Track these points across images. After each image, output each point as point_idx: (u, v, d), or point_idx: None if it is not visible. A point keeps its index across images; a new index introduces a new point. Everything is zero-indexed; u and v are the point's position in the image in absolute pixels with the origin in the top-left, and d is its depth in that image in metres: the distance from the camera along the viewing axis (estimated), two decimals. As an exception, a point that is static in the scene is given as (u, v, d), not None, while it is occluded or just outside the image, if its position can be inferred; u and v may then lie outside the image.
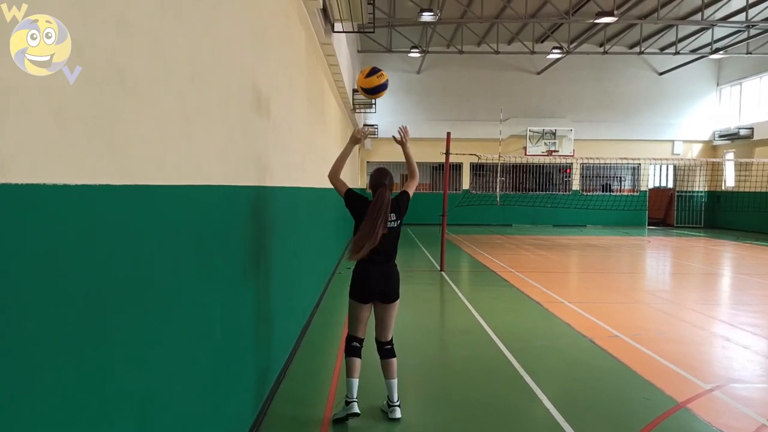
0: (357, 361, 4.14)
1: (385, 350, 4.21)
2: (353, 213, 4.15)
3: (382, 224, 3.95)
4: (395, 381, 4.17)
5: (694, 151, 25.97)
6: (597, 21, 16.83)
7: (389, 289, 4.12)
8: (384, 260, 4.11)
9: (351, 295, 4.15)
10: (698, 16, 18.65)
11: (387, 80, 4.42)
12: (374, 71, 4.41)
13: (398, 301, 4.20)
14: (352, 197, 4.19)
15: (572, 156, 24.37)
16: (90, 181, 1.70)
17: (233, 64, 3.31)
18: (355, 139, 4.37)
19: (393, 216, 4.10)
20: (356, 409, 4.02)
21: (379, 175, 4.15)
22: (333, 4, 7.85)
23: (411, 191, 4.34)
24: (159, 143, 2.23)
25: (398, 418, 4.07)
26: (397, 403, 4.14)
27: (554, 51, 20.73)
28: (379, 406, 4.26)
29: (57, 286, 1.55)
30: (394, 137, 4.53)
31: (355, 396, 4.06)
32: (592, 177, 26.48)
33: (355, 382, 4.09)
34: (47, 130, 1.51)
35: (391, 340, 4.25)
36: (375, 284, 4.07)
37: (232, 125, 3.28)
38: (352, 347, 4.16)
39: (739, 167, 23.45)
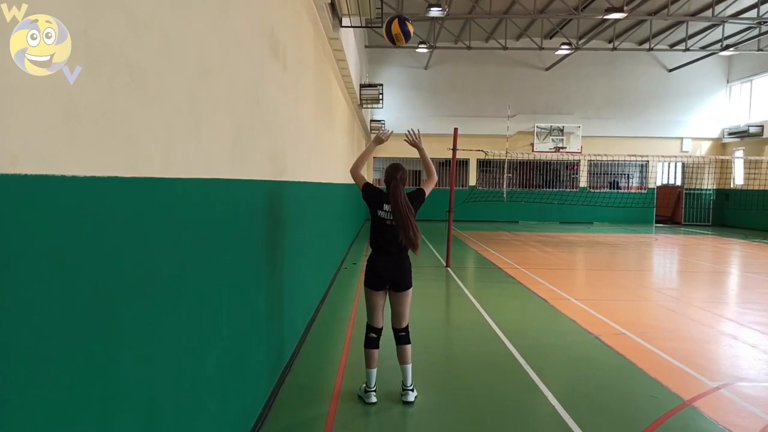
0: (375, 353, 4.38)
1: (400, 337, 4.43)
2: (368, 204, 4.42)
3: (408, 211, 4.20)
4: (409, 366, 4.39)
5: (703, 149, 25.78)
6: (606, 17, 16.72)
7: (400, 278, 4.34)
8: (395, 251, 4.32)
9: (365, 283, 4.41)
10: (709, 13, 18.50)
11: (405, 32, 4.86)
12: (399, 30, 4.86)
13: (410, 290, 4.42)
14: (368, 190, 4.45)
15: (580, 153, 24.25)
16: (99, 173, 1.71)
17: (241, 59, 3.32)
18: (379, 140, 4.74)
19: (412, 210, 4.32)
20: (374, 399, 4.29)
21: (392, 170, 4.40)
22: (341, -1, 7.83)
23: (428, 190, 4.53)
24: (167, 136, 2.23)
25: (411, 402, 4.31)
26: (411, 387, 4.37)
27: (563, 47, 20.60)
28: (397, 392, 4.47)
29: (64, 277, 1.56)
30: (405, 140, 4.72)
31: (373, 386, 4.32)
32: (600, 174, 26.35)
33: (374, 372, 4.35)
34: (56, 124, 1.52)
35: (406, 327, 4.45)
36: (385, 273, 4.31)
37: (239, 119, 3.28)
38: (370, 339, 4.40)
39: (749, 165, 23.25)
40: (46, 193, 1.47)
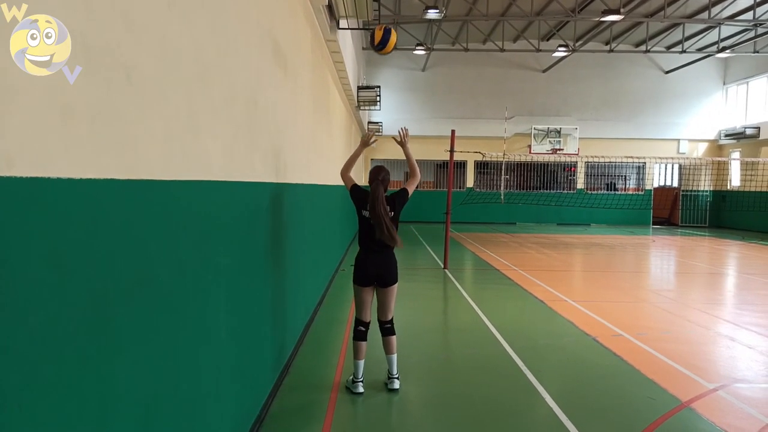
0: (363, 345, 4.60)
1: (385, 328, 4.67)
2: (355, 203, 4.65)
3: (383, 210, 4.40)
4: (394, 356, 4.64)
5: (700, 150, 25.86)
6: (603, 19, 16.76)
7: (386, 275, 4.55)
8: (380, 249, 4.53)
9: (353, 280, 4.61)
10: (705, 15, 18.55)
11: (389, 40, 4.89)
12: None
13: (396, 285, 4.62)
14: (355, 191, 4.69)
15: (577, 154, 24.30)
16: (95, 175, 1.70)
17: (239, 62, 3.31)
18: (365, 142, 4.89)
19: (388, 208, 4.52)
20: (361, 389, 4.49)
21: (375, 172, 4.62)
22: (338, 1, 7.84)
23: (411, 189, 4.76)
24: (164, 139, 2.23)
25: (396, 389, 4.56)
26: (396, 376, 4.62)
27: (560, 49, 20.64)
28: (382, 381, 4.71)
29: (61, 280, 1.55)
30: (394, 138, 4.98)
31: (360, 376, 4.53)
32: (597, 176, 26.40)
33: (361, 363, 4.56)
34: (53, 126, 1.51)
35: (391, 319, 4.68)
36: (372, 270, 4.53)
37: (237, 121, 3.28)
38: (358, 331, 4.62)
39: (745, 166, 23.33)
40: (42, 195, 1.46)
